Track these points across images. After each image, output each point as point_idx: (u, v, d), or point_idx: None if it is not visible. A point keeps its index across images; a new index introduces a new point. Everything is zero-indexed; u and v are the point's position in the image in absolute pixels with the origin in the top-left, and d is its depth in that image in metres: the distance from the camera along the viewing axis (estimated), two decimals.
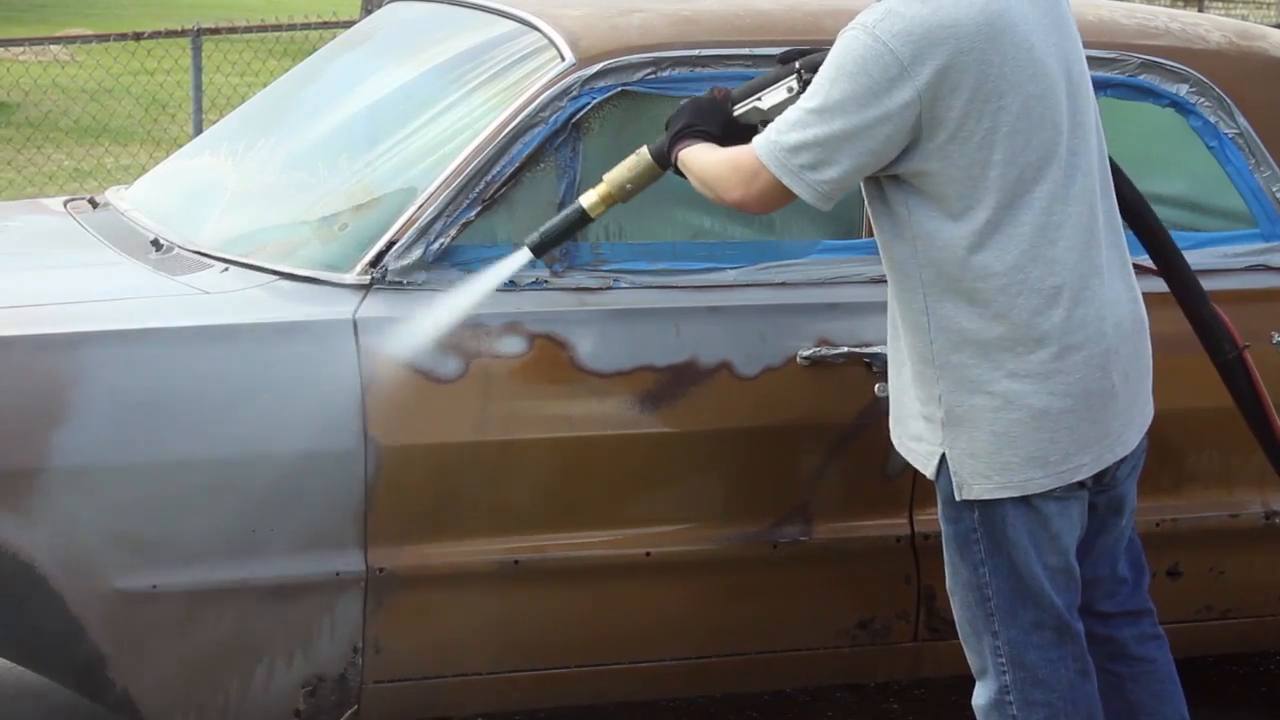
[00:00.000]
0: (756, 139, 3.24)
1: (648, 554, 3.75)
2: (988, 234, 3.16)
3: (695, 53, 3.82)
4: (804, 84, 3.31)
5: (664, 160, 3.49)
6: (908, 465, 3.80)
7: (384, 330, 3.57)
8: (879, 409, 3.80)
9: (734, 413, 3.74)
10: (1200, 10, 19.10)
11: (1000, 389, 3.20)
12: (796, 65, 3.39)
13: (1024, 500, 3.25)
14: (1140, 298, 3.35)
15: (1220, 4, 21.81)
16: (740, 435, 3.76)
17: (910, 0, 3.14)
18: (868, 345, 3.80)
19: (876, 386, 3.80)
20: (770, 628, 3.89)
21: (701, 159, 3.38)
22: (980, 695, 3.39)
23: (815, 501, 3.82)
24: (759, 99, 3.44)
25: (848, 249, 3.88)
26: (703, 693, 4.29)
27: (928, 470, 3.35)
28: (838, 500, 3.83)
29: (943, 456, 3.28)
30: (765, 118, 3.39)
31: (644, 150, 3.52)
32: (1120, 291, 3.28)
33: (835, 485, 3.83)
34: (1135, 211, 3.49)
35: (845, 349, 3.79)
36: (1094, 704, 3.38)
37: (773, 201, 3.27)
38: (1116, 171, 3.42)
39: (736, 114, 3.45)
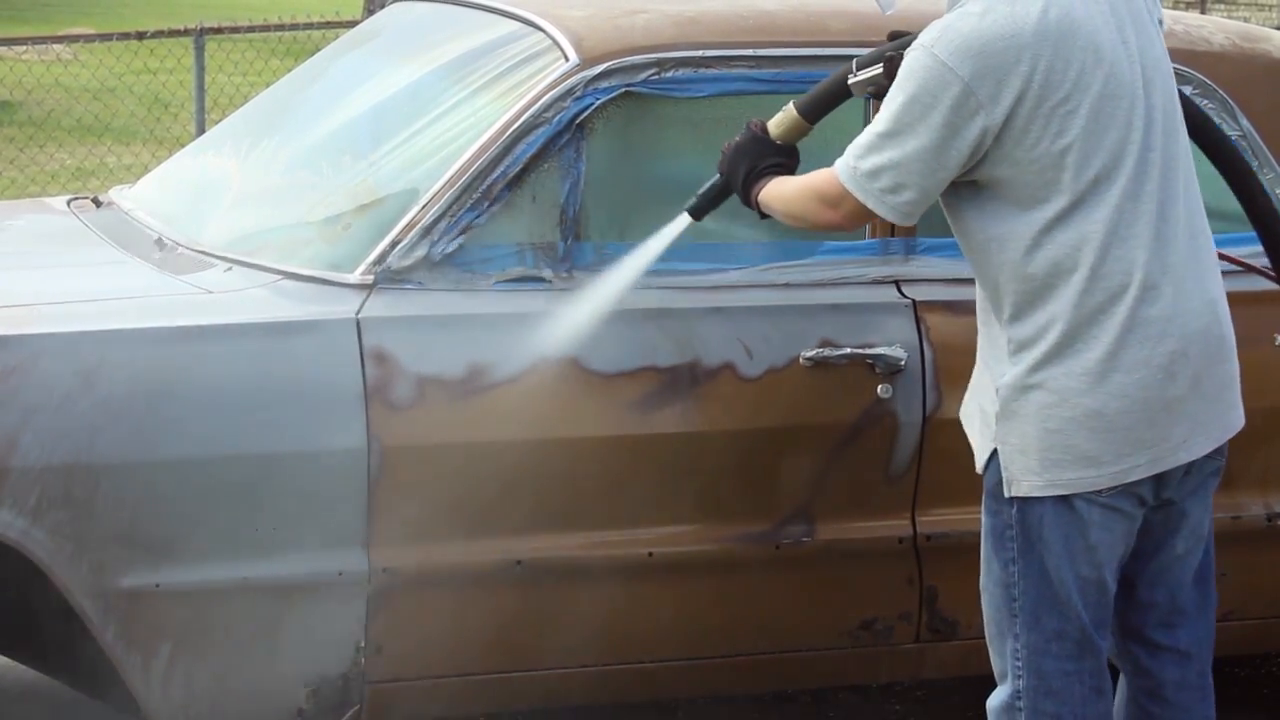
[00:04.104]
0: (838, 163, 3.25)
1: (650, 554, 3.75)
2: (1059, 232, 3.14)
3: (699, 53, 3.82)
4: (890, 66, 3.29)
5: (697, 214, 3.60)
6: (910, 466, 3.81)
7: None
8: (881, 410, 3.80)
9: (737, 413, 3.74)
10: (1203, 12, 19.11)
11: (1056, 385, 3.17)
12: (887, 52, 3.35)
13: (1066, 502, 3.21)
14: (1222, 302, 3.28)
15: (1223, 6, 21.81)
16: (743, 436, 3.76)
17: (967, 14, 3.13)
18: (871, 346, 3.80)
19: (879, 388, 3.80)
20: (773, 628, 3.89)
21: (782, 194, 3.41)
22: (995, 698, 3.36)
23: (818, 502, 3.82)
24: (855, 73, 3.42)
25: (851, 250, 3.89)
26: (705, 693, 4.28)
27: (979, 464, 3.33)
28: (840, 501, 3.83)
29: (994, 451, 3.26)
30: (863, 91, 3.41)
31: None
32: (1195, 294, 3.21)
33: (838, 486, 3.82)
34: (1263, 220, 3.50)
35: (848, 350, 3.79)
36: None
37: (863, 221, 3.35)
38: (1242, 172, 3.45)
39: (850, 83, 3.43)
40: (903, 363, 3.80)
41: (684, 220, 3.62)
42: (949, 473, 3.83)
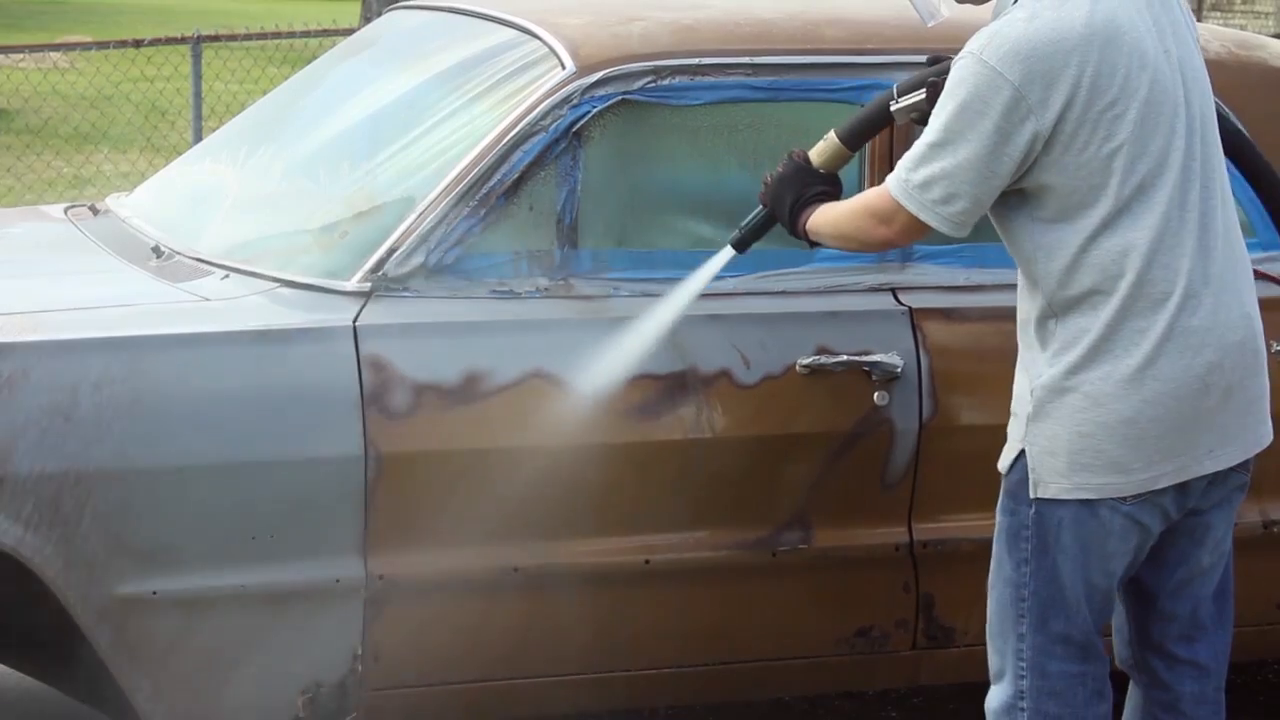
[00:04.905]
0: (889, 179, 3.25)
1: (647, 561, 3.75)
2: (1106, 239, 3.15)
3: (696, 61, 3.82)
4: (933, 91, 3.30)
5: (741, 246, 3.61)
6: (907, 473, 3.81)
7: (383, 338, 3.58)
8: (878, 417, 3.80)
9: (734, 420, 3.74)
10: (1199, 19, 19.12)
11: (1091, 389, 3.17)
12: (929, 78, 3.37)
13: (1090, 507, 3.21)
14: (1257, 316, 3.29)
15: (1219, 14, 21.84)
16: (740, 443, 3.76)
17: (1014, 20, 3.14)
18: (867, 354, 3.80)
19: (876, 395, 3.80)
20: (769, 635, 3.89)
21: (832, 218, 3.42)
22: (994, 698, 3.36)
23: (814, 509, 3.82)
24: (896, 99, 3.44)
25: (848, 258, 3.88)
26: (701, 701, 4.29)
27: (1002, 463, 3.33)
28: (837, 508, 3.83)
29: (1021, 452, 3.26)
30: (905, 118, 3.43)
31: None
32: (1233, 306, 3.22)
33: (834, 493, 3.83)
34: None
35: (845, 357, 3.80)
36: None
37: (916, 235, 3.32)
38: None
39: (893, 109, 3.45)
40: (899, 370, 3.80)
41: (728, 253, 3.64)
42: (945, 480, 3.84)
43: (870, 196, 3.34)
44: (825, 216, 3.44)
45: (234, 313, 3.62)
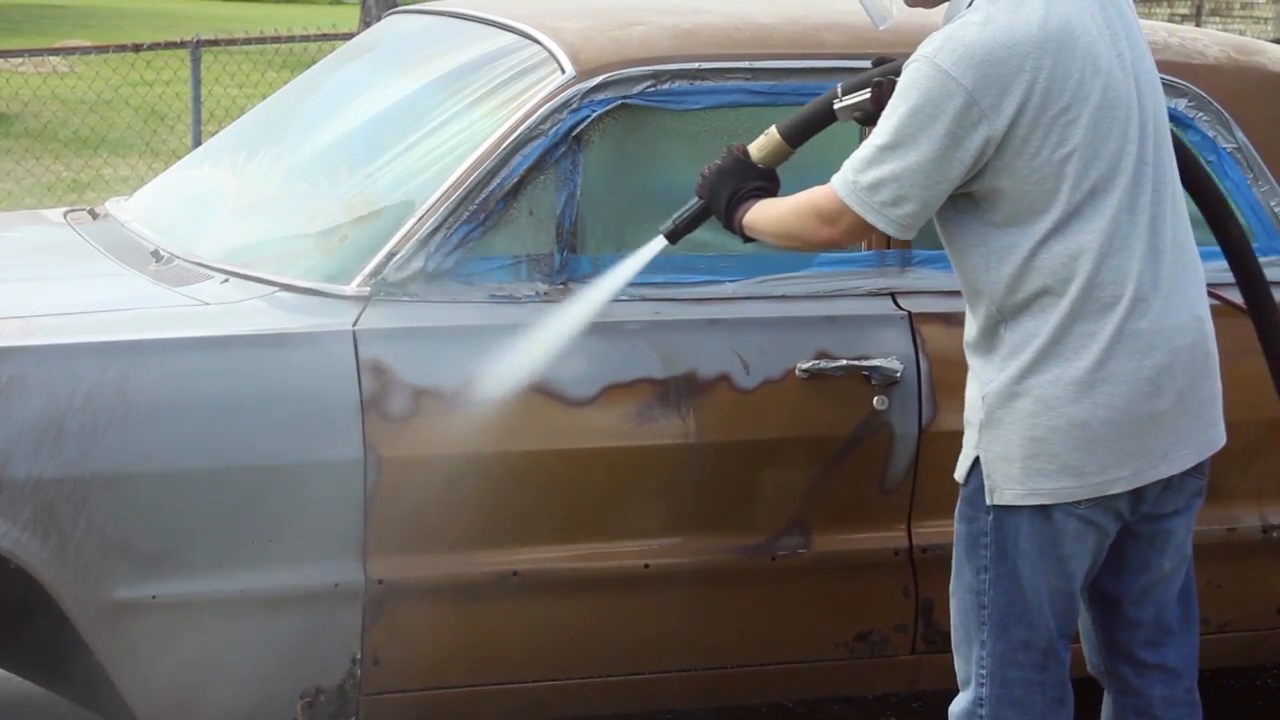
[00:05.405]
0: (835, 179, 3.23)
1: (646, 566, 3.75)
2: (1056, 243, 3.14)
3: (695, 66, 3.83)
4: (878, 91, 3.29)
5: (674, 237, 3.56)
6: (906, 478, 3.81)
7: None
8: (877, 421, 3.81)
9: (733, 425, 3.74)
10: (1198, 25, 19.13)
11: (1041, 393, 3.17)
12: (874, 78, 3.36)
13: (1044, 512, 3.21)
14: (1208, 319, 3.28)
15: (1218, 19, 21.85)
16: (739, 448, 3.76)
17: (968, 24, 3.13)
18: (866, 358, 3.80)
19: (875, 400, 3.80)
20: (768, 640, 3.89)
21: (773, 216, 3.39)
22: (957, 704, 3.38)
23: (814, 514, 3.82)
24: (840, 98, 3.42)
25: (847, 262, 3.89)
26: (701, 705, 4.29)
27: (959, 472, 3.33)
28: (836, 513, 3.84)
29: (976, 459, 3.26)
30: (849, 116, 3.40)
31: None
32: (1182, 309, 3.22)
33: (834, 498, 3.83)
34: (1236, 253, 3.47)
35: (844, 362, 3.80)
36: None
37: (860, 236, 3.31)
38: (1217, 206, 3.44)
39: (836, 108, 3.43)
40: (899, 375, 3.80)
41: (659, 243, 3.59)
42: (945, 484, 3.82)
43: (815, 196, 3.29)
44: (764, 213, 3.40)
45: (233, 317, 3.62)
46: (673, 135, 3.87)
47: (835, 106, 3.41)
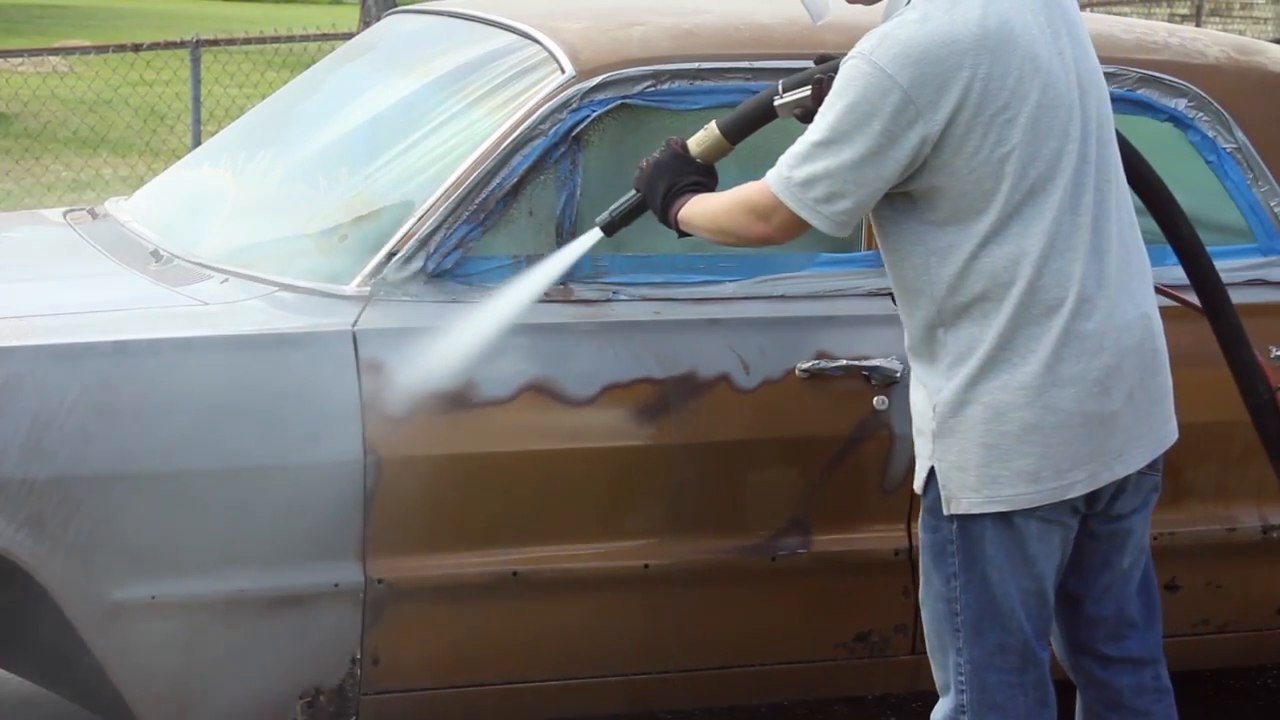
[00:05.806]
0: (770, 174, 3.21)
1: (646, 566, 3.75)
2: (996, 245, 3.13)
3: (695, 66, 3.83)
4: (818, 88, 3.29)
5: (610, 230, 3.52)
6: (906, 478, 3.81)
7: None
8: (877, 422, 3.81)
9: (732, 425, 3.75)
10: (1198, 25, 19.14)
11: (991, 400, 3.16)
12: (815, 75, 3.34)
13: (1005, 518, 3.20)
14: (1155, 316, 3.27)
15: (1218, 19, 21.85)
16: (739, 447, 3.76)
17: (905, 22, 3.11)
18: (866, 358, 3.80)
19: (875, 399, 3.80)
20: (768, 640, 3.89)
21: (708, 210, 3.36)
22: (938, 711, 3.36)
23: (813, 514, 3.82)
24: (781, 94, 3.41)
25: (846, 262, 3.89)
26: (700, 705, 4.29)
27: (917, 482, 3.31)
28: (836, 513, 3.84)
29: (931, 470, 3.25)
30: (789, 113, 3.39)
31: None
32: (1128, 308, 3.21)
33: (833, 498, 3.83)
34: (1188, 253, 3.46)
35: (844, 362, 3.80)
36: None
37: (795, 232, 3.26)
38: (1165, 204, 3.42)
39: (776, 104, 3.43)
40: (899, 375, 3.80)
41: (594, 235, 3.57)
42: None
43: (749, 191, 3.27)
44: (700, 208, 3.38)
45: (233, 317, 3.62)
46: (672, 135, 3.86)
47: (775, 103, 3.40)
